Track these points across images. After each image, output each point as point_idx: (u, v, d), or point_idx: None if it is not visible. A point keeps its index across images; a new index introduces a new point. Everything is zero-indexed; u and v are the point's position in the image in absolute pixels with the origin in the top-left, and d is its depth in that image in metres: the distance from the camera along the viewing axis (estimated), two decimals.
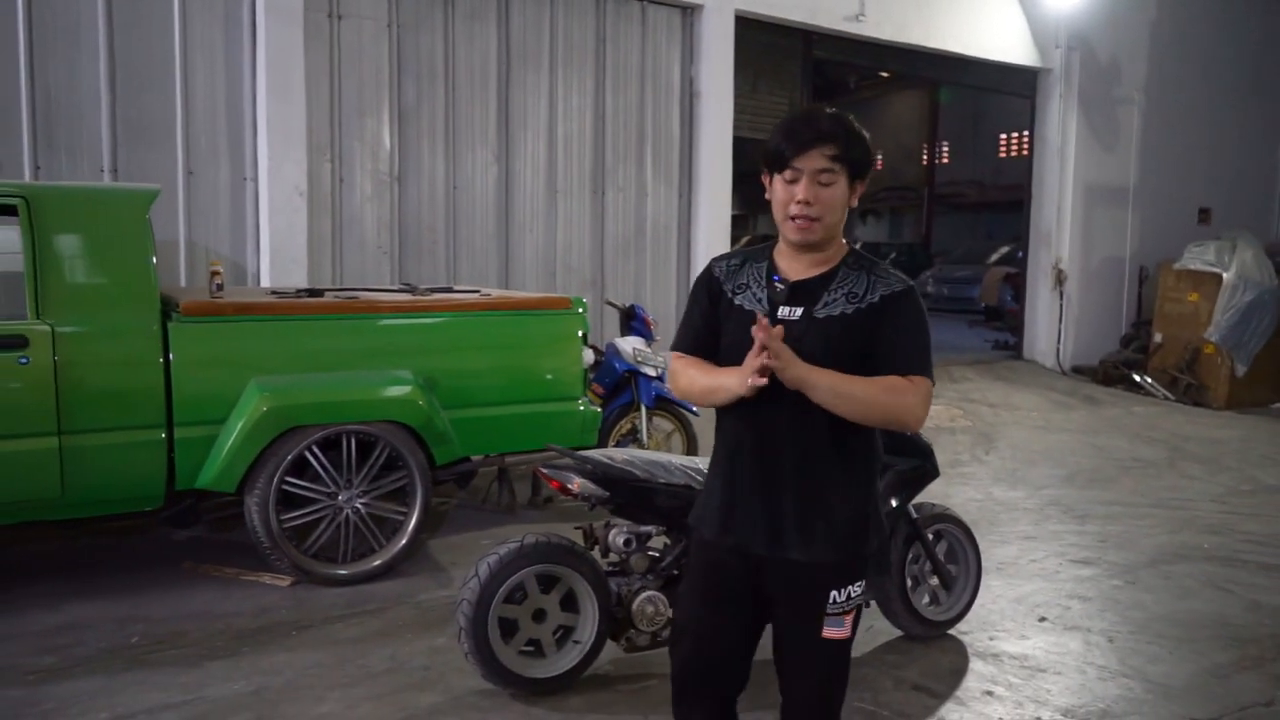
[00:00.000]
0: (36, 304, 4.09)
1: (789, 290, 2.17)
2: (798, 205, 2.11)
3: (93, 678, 3.60)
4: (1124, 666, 3.91)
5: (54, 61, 6.22)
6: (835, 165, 2.09)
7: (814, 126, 2.10)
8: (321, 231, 7.09)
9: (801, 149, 2.09)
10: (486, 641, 3.41)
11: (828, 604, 2.17)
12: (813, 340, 2.10)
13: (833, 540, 2.16)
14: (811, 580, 2.18)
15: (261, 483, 4.42)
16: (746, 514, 2.21)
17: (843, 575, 2.19)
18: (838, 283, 2.17)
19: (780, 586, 2.22)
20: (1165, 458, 7.89)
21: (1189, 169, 12.39)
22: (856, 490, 2.20)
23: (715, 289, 2.27)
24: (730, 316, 2.22)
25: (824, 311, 2.13)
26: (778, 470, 2.16)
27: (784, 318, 2.14)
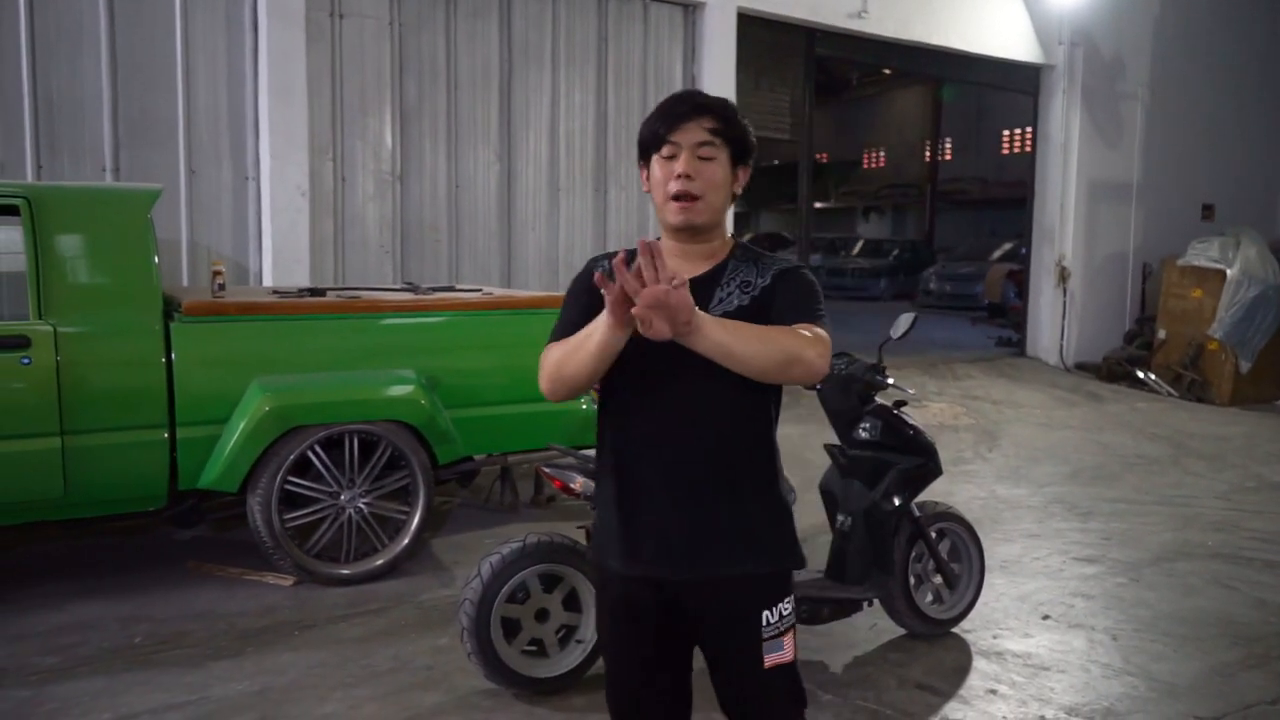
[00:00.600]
0: (39, 304, 4.09)
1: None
2: (678, 181, 1.92)
3: (96, 678, 3.60)
4: (1128, 664, 3.91)
5: (56, 62, 6.22)
6: (715, 139, 1.94)
7: (690, 100, 1.98)
8: (324, 231, 7.09)
9: (678, 121, 1.94)
10: (489, 641, 3.41)
11: (762, 628, 1.97)
12: None
13: (755, 550, 1.97)
14: (738, 603, 1.97)
15: (264, 482, 4.42)
16: (647, 533, 1.95)
17: (772, 591, 1.99)
18: (729, 276, 1.98)
19: (704, 615, 2.00)
20: (1169, 454, 7.87)
21: (1193, 165, 12.36)
22: (768, 491, 2.01)
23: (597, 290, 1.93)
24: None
25: (720, 309, 1.92)
26: (677, 475, 1.94)
27: None
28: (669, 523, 1.94)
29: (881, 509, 3.86)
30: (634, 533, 1.97)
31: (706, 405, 1.92)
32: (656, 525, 1.94)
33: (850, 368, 3.97)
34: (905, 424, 3.97)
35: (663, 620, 2.01)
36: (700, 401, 1.92)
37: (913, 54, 10.45)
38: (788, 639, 2.01)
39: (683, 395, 1.92)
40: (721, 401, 1.92)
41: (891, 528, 3.89)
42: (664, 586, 1.98)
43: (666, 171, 1.94)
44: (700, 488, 1.94)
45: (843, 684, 3.69)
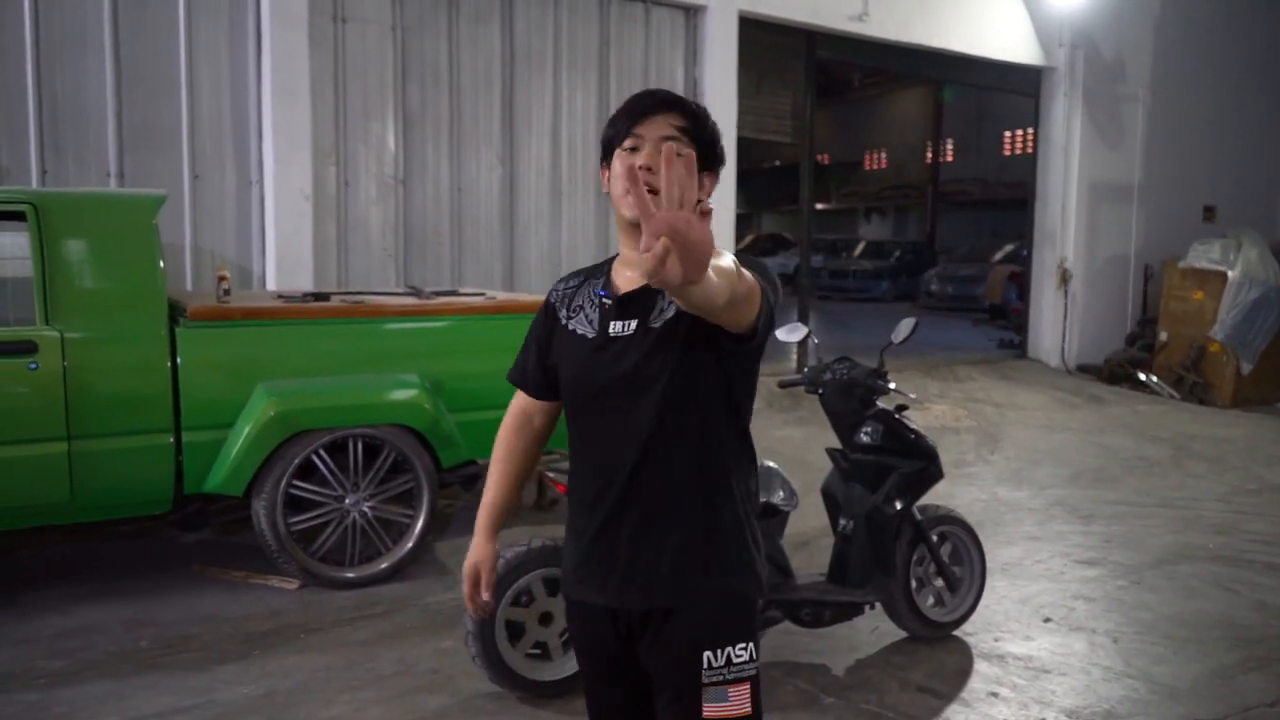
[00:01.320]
0: (45, 310, 4.12)
1: (616, 305, 1.84)
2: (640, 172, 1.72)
3: (103, 681, 3.63)
4: (1129, 667, 3.92)
5: (61, 68, 6.25)
6: (683, 135, 1.80)
7: (657, 96, 1.85)
8: (326, 234, 7.12)
9: (644, 115, 1.80)
10: (494, 645, 3.43)
11: (702, 670, 1.77)
12: (648, 355, 1.77)
13: (697, 579, 1.81)
14: (677, 639, 1.80)
15: (269, 486, 4.45)
16: (596, 559, 1.86)
17: (719, 631, 1.79)
18: None
19: (648, 656, 1.85)
20: (1170, 457, 7.89)
21: (1194, 167, 12.37)
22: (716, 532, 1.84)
23: (550, 318, 1.97)
24: (567, 346, 1.90)
25: (660, 319, 1.78)
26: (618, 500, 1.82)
27: (617, 334, 1.82)
28: (612, 549, 1.83)
29: (883, 512, 3.88)
30: (584, 559, 1.88)
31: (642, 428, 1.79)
32: (601, 551, 1.85)
33: (852, 372, 3.99)
34: (907, 428, 3.99)
35: (619, 655, 1.89)
36: (636, 424, 1.79)
37: (913, 56, 10.47)
38: (737, 690, 1.79)
39: (627, 436, 1.80)
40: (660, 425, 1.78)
41: (893, 531, 3.91)
42: (618, 618, 1.86)
43: (627, 163, 1.76)
44: (639, 512, 1.81)
45: (845, 686, 3.71)
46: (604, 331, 1.84)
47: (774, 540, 3.76)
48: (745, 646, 1.81)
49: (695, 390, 1.79)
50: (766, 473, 3.78)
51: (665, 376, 1.77)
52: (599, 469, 1.85)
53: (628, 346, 1.80)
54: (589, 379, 1.84)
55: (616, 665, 1.90)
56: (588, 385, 1.85)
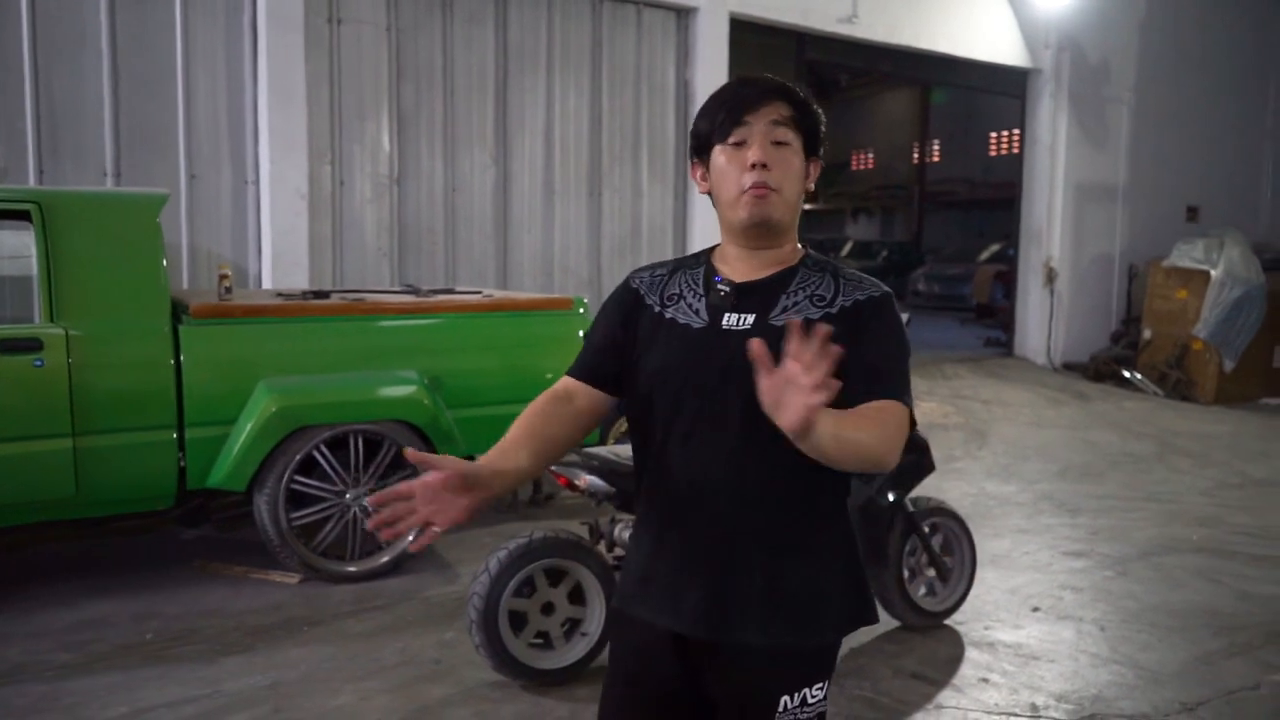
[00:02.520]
0: (50, 308, 4.16)
1: (735, 293, 1.72)
2: (753, 171, 1.66)
3: (111, 673, 3.68)
4: (1115, 654, 4.02)
5: (58, 68, 6.28)
6: (790, 126, 1.71)
7: (761, 84, 1.72)
8: (322, 234, 7.17)
9: (750, 105, 1.69)
10: (497, 634, 3.50)
11: (776, 713, 1.68)
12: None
13: (779, 622, 1.68)
14: (760, 679, 1.69)
15: (271, 482, 4.51)
16: (670, 578, 1.72)
17: (799, 673, 1.70)
18: (798, 284, 1.72)
19: (718, 688, 1.73)
20: (1155, 452, 8.02)
21: (1178, 167, 12.53)
22: (824, 558, 1.72)
23: (631, 304, 1.81)
24: (658, 335, 1.75)
25: (783, 318, 1.66)
26: (713, 526, 1.69)
27: (730, 327, 1.69)
28: (692, 570, 1.70)
29: (876, 504, 3.98)
30: (653, 575, 1.75)
31: (752, 457, 1.66)
32: (678, 571, 1.72)
33: None
34: None
35: (673, 680, 1.76)
36: (746, 452, 1.66)
37: (902, 58, 10.58)
38: None
39: (726, 443, 1.67)
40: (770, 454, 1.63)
41: (886, 522, 4.00)
42: (684, 644, 1.73)
43: (737, 161, 1.68)
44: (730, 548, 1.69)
45: (840, 674, 3.79)
46: (715, 321, 1.70)
47: None
48: (822, 686, 1.73)
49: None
50: None
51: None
52: (685, 477, 1.71)
53: (741, 340, 1.59)
54: (690, 370, 1.69)
55: (665, 690, 1.76)
56: (686, 376, 1.70)
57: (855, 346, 1.60)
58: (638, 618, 1.77)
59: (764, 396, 1.41)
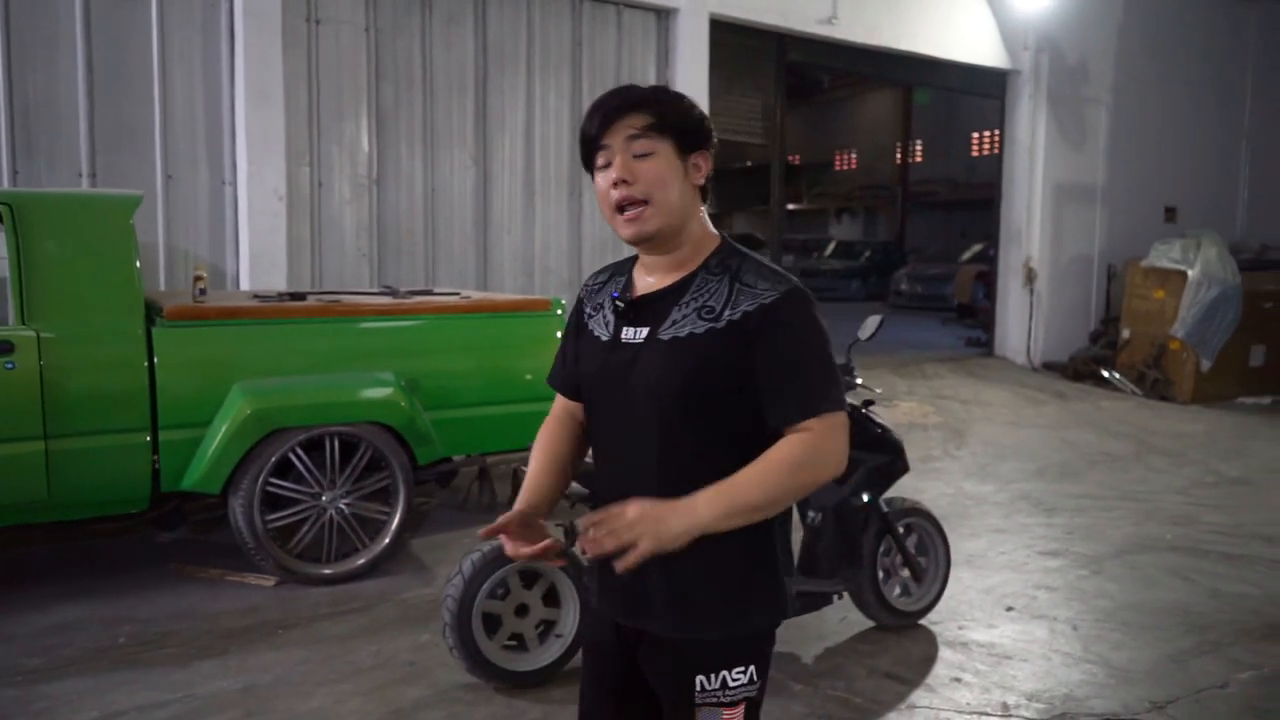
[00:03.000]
0: (22, 309, 4.14)
1: (630, 308, 1.77)
2: (616, 189, 1.70)
3: (83, 677, 3.66)
4: (1087, 653, 4.06)
5: (32, 68, 6.24)
6: (648, 133, 1.70)
7: (617, 96, 1.74)
8: (300, 235, 7.14)
9: (605, 123, 1.71)
10: (471, 636, 3.50)
11: (694, 692, 1.73)
12: (647, 368, 1.71)
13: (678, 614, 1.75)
14: (675, 662, 1.77)
15: (246, 484, 4.49)
16: (604, 570, 1.78)
17: (710, 657, 1.74)
18: (692, 293, 1.73)
19: (646, 670, 1.83)
20: (1132, 451, 8.08)
21: (1156, 168, 12.62)
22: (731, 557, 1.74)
23: (577, 314, 1.92)
24: (582, 344, 1.86)
25: (669, 332, 1.71)
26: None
27: (628, 340, 1.76)
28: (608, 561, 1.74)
29: (850, 505, 3.99)
30: (599, 565, 1.83)
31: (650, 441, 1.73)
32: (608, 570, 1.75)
33: None
34: (873, 422, 4.10)
35: (621, 670, 1.86)
36: (654, 456, 1.72)
37: (882, 59, 10.62)
38: (731, 713, 1.75)
39: (637, 448, 1.75)
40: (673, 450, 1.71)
41: (860, 523, 4.02)
42: (621, 632, 1.84)
43: (606, 181, 1.72)
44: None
45: (814, 674, 3.81)
46: (616, 336, 1.78)
47: None
48: (744, 670, 1.75)
49: (704, 412, 1.70)
50: None
51: (671, 394, 1.69)
52: (610, 476, 1.81)
53: (636, 355, 1.72)
54: (600, 382, 1.80)
55: (617, 675, 1.87)
56: (600, 388, 1.80)
57: (757, 360, 1.67)
58: (593, 606, 1.93)
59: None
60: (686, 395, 1.69)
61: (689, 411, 1.70)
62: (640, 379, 1.71)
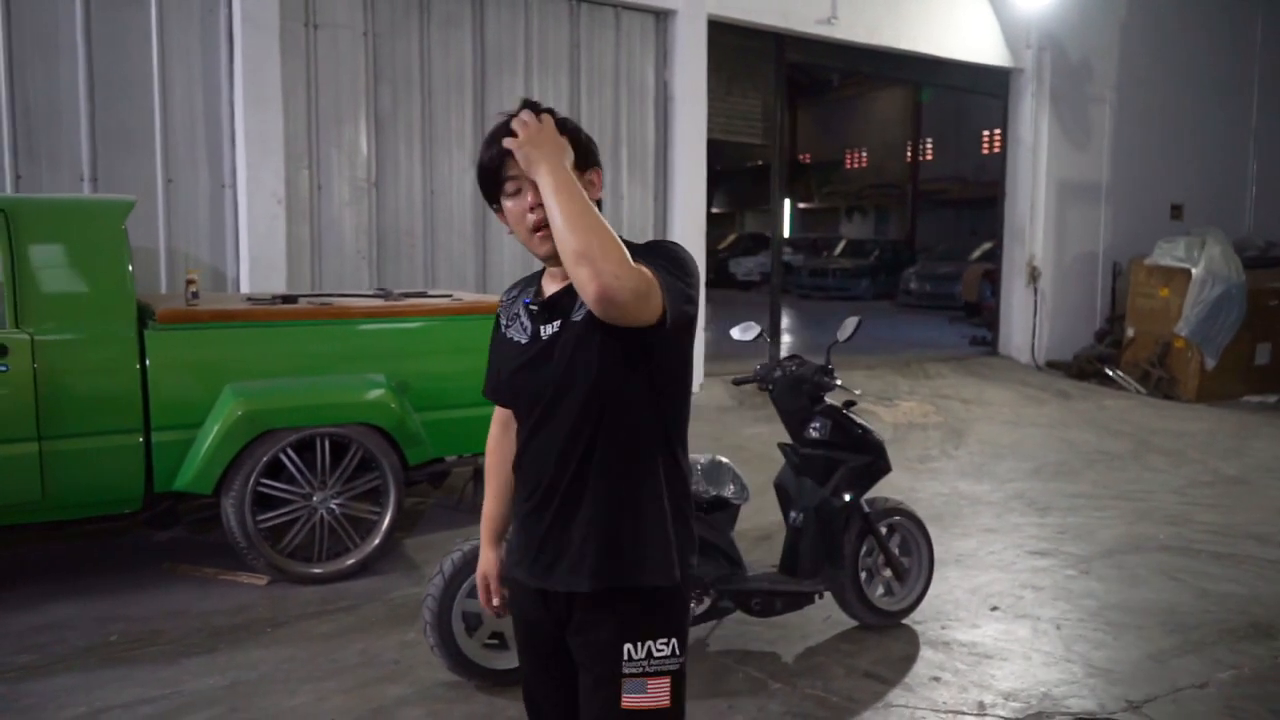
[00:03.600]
0: (15, 313, 4.21)
1: (542, 309, 1.95)
2: (533, 214, 1.86)
3: (72, 674, 3.73)
4: (1068, 652, 4.07)
5: (33, 73, 6.32)
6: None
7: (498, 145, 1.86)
8: (300, 238, 7.21)
9: (505, 158, 1.86)
10: (451, 635, 3.55)
11: (622, 661, 1.86)
12: (576, 344, 1.87)
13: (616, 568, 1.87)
14: (603, 630, 1.88)
15: (237, 484, 4.55)
16: (526, 540, 1.97)
17: (640, 624, 1.88)
18: None
19: (574, 641, 1.94)
20: (1131, 450, 8.06)
21: (1161, 166, 12.57)
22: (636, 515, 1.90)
23: (496, 324, 2.12)
24: (505, 350, 2.03)
25: (580, 313, 1.88)
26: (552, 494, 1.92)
27: (545, 335, 1.93)
28: (540, 532, 1.93)
29: (831, 505, 4.02)
30: (518, 540, 2.01)
31: (569, 418, 1.88)
32: (530, 533, 1.96)
33: (800, 369, 4.12)
34: (854, 423, 4.12)
35: (552, 636, 1.98)
36: (573, 433, 1.88)
37: (883, 59, 10.62)
38: (657, 683, 1.86)
39: (559, 427, 1.89)
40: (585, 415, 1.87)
41: (841, 523, 4.04)
42: (548, 600, 1.95)
43: (520, 206, 1.88)
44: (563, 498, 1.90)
45: (793, 673, 3.84)
46: (536, 336, 1.94)
47: (724, 532, 3.89)
48: (667, 641, 1.88)
49: (618, 380, 1.87)
50: (717, 467, 3.91)
51: (589, 367, 1.85)
52: (533, 458, 1.95)
53: (554, 343, 1.90)
54: (523, 377, 1.95)
55: (549, 646, 2.00)
56: (522, 383, 1.96)
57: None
58: (515, 579, 2.05)
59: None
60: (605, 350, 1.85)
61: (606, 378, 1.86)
62: (561, 353, 1.89)
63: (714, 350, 9.46)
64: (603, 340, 1.84)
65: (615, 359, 1.86)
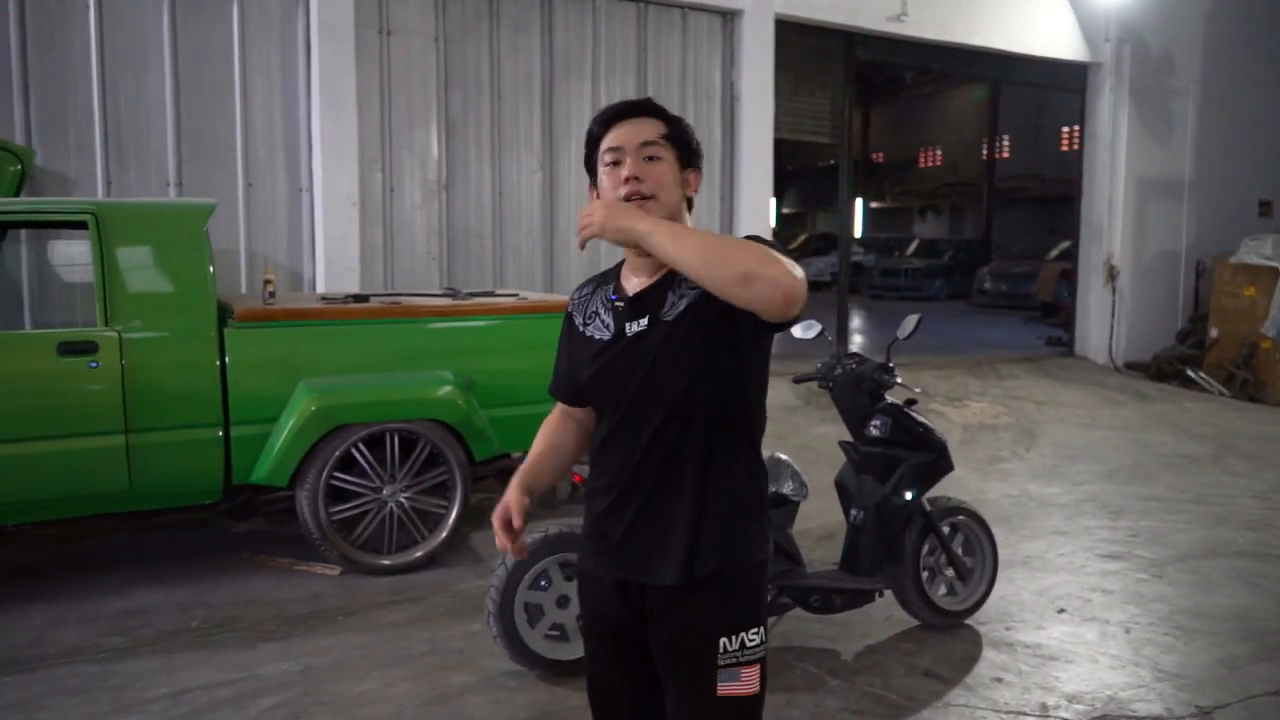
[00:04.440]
0: (105, 312, 4.42)
1: (629, 305, 1.92)
2: (627, 184, 1.86)
3: (156, 657, 3.91)
4: (1137, 656, 3.99)
5: (123, 84, 6.62)
6: (659, 140, 1.90)
7: (627, 104, 1.94)
8: (373, 239, 7.41)
9: (617, 125, 1.91)
10: (513, 625, 3.63)
11: (717, 654, 1.87)
12: (670, 343, 1.86)
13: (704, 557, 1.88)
14: (695, 625, 1.88)
15: (311, 478, 4.71)
16: (606, 533, 1.95)
17: (732, 618, 1.89)
18: (680, 279, 1.88)
19: (661, 634, 1.93)
20: (1211, 454, 7.83)
21: (1248, 160, 12.16)
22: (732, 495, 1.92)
23: (568, 326, 2.08)
24: (587, 349, 1.98)
25: (673, 312, 1.87)
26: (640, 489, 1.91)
27: (632, 333, 1.91)
28: (622, 524, 1.92)
29: (892, 503, 4.00)
30: (596, 532, 1.98)
31: (656, 413, 1.88)
32: (611, 526, 1.94)
33: (860, 367, 4.12)
34: (915, 421, 4.10)
35: (629, 629, 1.96)
36: (661, 430, 1.88)
37: (955, 55, 10.49)
38: (749, 672, 1.89)
39: (647, 424, 1.89)
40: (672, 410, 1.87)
41: (902, 521, 4.03)
42: (628, 593, 1.95)
43: (614, 178, 1.89)
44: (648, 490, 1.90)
45: (852, 670, 3.84)
46: (620, 333, 1.92)
47: (783, 529, 3.91)
48: (757, 631, 1.91)
49: (715, 376, 1.87)
50: (776, 464, 3.93)
51: (688, 365, 1.85)
52: (617, 453, 1.93)
53: (641, 341, 1.89)
54: (608, 375, 1.93)
55: (622, 640, 1.98)
56: (607, 380, 1.93)
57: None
58: (591, 572, 2.01)
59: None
60: (703, 352, 1.85)
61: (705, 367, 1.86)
62: (654, 351, 1.87)
63: (778, 350, 9.43)
64: (705, 337, 1.85)
65: (716, 355, 1.86)
